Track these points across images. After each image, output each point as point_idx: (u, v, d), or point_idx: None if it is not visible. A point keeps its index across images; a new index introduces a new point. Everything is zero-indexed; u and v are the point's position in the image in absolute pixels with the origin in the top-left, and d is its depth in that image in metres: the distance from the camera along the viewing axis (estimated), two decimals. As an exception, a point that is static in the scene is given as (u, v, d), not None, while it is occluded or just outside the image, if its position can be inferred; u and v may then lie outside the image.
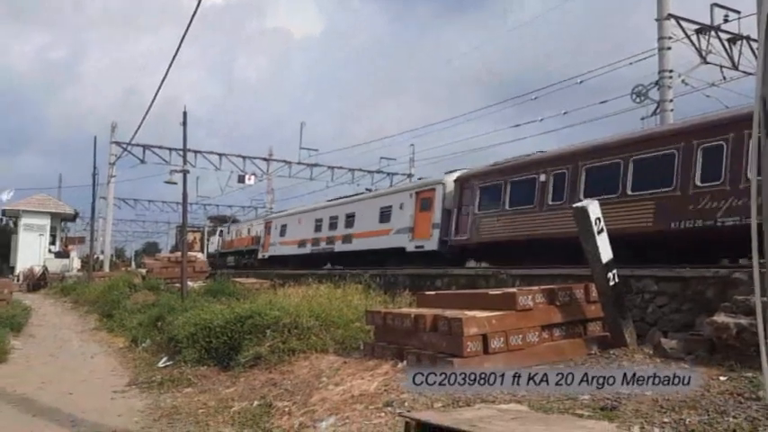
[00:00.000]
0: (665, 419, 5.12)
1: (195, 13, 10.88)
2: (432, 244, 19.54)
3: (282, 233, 31.51)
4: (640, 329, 8.47)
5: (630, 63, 22.58)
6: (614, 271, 7.94)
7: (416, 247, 20.32)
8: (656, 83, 21.16)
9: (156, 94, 18.72)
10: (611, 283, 7.89)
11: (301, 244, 28.74)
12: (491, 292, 8.29)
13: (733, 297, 7.20)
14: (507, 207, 16.41)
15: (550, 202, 14.84)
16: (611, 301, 7.92)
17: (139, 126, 24.74)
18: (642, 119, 22.00)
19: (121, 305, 18.31)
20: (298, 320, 9.12)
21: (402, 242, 20.91)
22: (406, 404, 6.24)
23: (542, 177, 15.21)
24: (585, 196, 12.61)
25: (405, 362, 7.38)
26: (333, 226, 26.22)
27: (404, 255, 20.60)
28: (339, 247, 25.26)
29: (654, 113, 21.32)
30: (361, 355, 8.33)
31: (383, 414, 6.06)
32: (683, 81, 21.71)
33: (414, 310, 8.39)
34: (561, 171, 14.75)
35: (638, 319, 8.95)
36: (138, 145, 35.45)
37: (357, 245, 23.86)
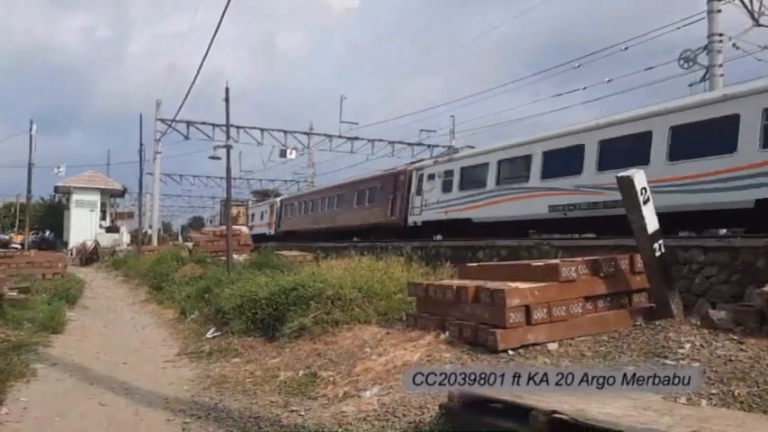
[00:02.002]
0: (713, 391, 5.05)
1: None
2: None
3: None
4: (687, 301, 8.33)
5: (678, 27, 21.85)
6: (660, 241, 7.79)
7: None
8: (706, 47, 20.44)
9: (199, 71, 18.95)
10: (657, 254, 7.75)
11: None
12: (533, 264, 8.23)
13: (785, 267, 7.01)
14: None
15: None
16: (657, 272, 7.79)
17: (183, 103, 25.18)
18: (690, 85, 21.37)
19: (170, 278, 18.74)
20: (341, 292, 9.22)
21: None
22: (449, 374, 6.30)
23: None
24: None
25: (447, 333, 7.42)
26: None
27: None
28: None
29: (703, 79, 20.66)
30: (404, 326, 8.40)
31: (426, 384, 6.13)
32: (733, 45, 20.92)
33: (456, 282, 8.40)
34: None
35: (685, 291, 8.80)
36: (182, 121, 36.10)
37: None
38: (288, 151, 40.59)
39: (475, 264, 10.22)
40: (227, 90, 17.68)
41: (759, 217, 11.46)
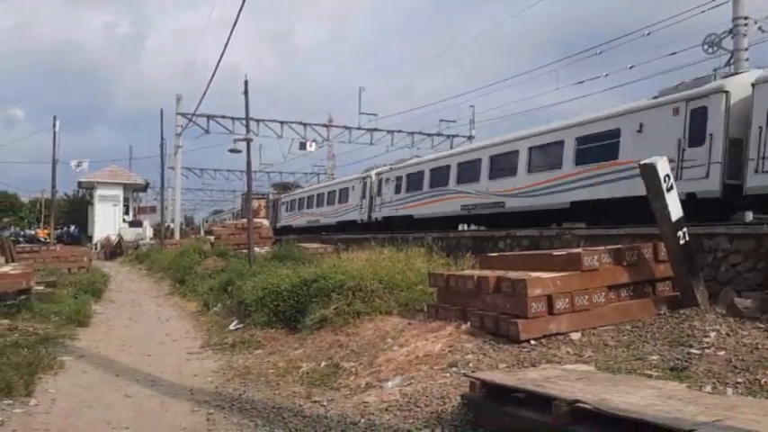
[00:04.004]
0: (739, 379, 5.00)
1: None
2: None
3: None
4: (712, 289, 8.20)
5: (702, 11, 21.43)
6: (684, 229, 7.69)
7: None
8: (731, 31, 20.04)
9: (218, 65, 19.07)
10: (682, 242, 7.66)
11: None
12: (555, 253, 8.18)
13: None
14: None
15: None
16: (681, 261, 7.69)
17: (203, 97, 25.32)
18: (715, 70, 20.95)
19: (193, 271, 18.91)
20: (362, 284, 9.24)
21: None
22: (471, 365, 6.29)
23: None
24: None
25: (468, 323, 7.41)
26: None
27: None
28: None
29: (728, 63, 20.25)
30: (425, 316, 8.40)
31: (447, 374, 6.14)
32: (759, 28, 20.45)
33: (477, 272, 8.38)
34: None
35: (710, 279, 8.67)
36: (202, 115, 36.24)
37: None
38: (307, 144, 40.62)
39: (496, 254, 10.18)
40: (245, 83, 17.75)
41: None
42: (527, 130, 20.18)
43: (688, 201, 11.87)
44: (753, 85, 12.58)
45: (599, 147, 16.07)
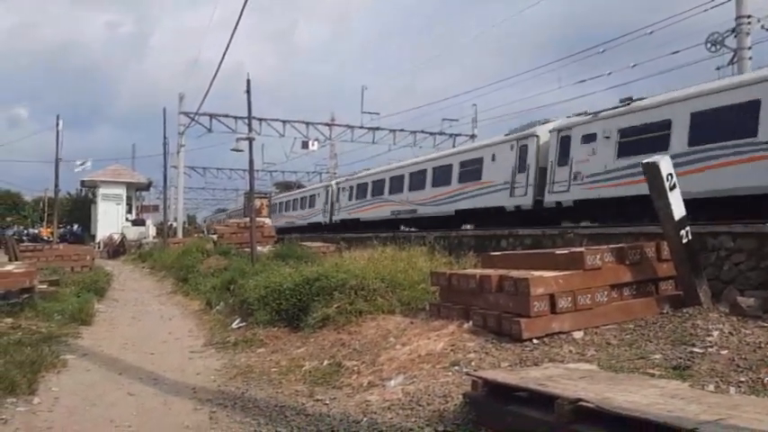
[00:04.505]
0: (742, 378, 4.99)
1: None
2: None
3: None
4: (715, 288, 8.19)
5: (705, 10, 21.37)
6: (687, 228, 7.67)
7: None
8: (734, 30, 20.00)
9: (220, 64, 19.09)
10: (684, 241, 7.64)
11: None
12: (558, 252, 8.17)
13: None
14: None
15: None
16: (684, 259, 7.68)
17: (205, 96, 25.34)
18: (718, 68, 20.91)
19: (195, 270, 18.92)
20: (364, 282, 9.23)
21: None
22: (473, 363, 6.29)
23: None
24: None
25: (471, 322, 7.41)
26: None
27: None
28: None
29: (731, 62, 20.21)
30: (427, 315, 8.40)
31: (450, 373, 6.14)
32: (762, 27, 20.41)
33: (479, 271, 8.37)
34: None
35: (713, 278, 8.66)
36: (204, 114, 36.29)
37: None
38: (310, 143, 40.67)
39: (498, 253, 10.18)
40: (248, 82, 17.76)
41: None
42: (430, 155, 27.30)
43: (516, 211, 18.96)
44: (550, 132, 18.08)
45: (473, 170, 21.41)
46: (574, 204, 17.05)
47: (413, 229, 24.09)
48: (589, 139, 16.53)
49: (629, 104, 15.82)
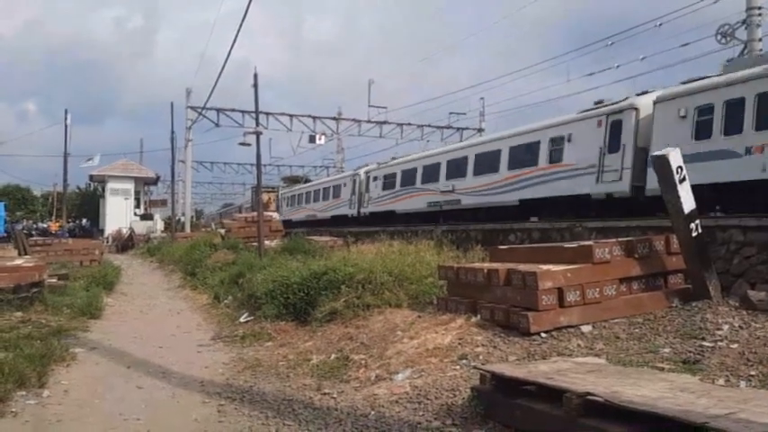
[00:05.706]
0: (752, 372, 4.96)
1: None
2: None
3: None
4: (725, 281, 8.16)
5: (715, 1, 21.19)
6: (697, 221, 7.62)
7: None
8: (744, 21, 19.82)
9: (227, 59, 19.02)
10: (694, 234, 7.59)
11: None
12: (566, 246, 8.14)
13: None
14: None
15: None
16: (693, 253, 7.63)
17: (212, 90, 25.33)
18: (728, 61, 20.73)
19: (203, 264, 18.94)
20: (371, 276, 9.23)
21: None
22: (481, 357, 6.28)
23: None
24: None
25: (478, 316, 7.40)
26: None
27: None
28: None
29: (741, 54, 20.03)
30: (435, 309, 8.38)
31: (458, 367, 6.13)
32: (773, 18, 20.23)
33: (486, 265, 8.35)
34: None
35: (723, 271, 8.62)
36: (212, 109, 36.32)
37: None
38: (317, 137, 40.67)
39: (506, 246, 10.15)
40: (255, 76, 17.73)
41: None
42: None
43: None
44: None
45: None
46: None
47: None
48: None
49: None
